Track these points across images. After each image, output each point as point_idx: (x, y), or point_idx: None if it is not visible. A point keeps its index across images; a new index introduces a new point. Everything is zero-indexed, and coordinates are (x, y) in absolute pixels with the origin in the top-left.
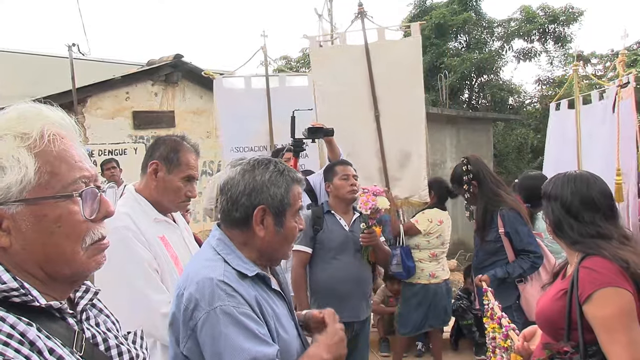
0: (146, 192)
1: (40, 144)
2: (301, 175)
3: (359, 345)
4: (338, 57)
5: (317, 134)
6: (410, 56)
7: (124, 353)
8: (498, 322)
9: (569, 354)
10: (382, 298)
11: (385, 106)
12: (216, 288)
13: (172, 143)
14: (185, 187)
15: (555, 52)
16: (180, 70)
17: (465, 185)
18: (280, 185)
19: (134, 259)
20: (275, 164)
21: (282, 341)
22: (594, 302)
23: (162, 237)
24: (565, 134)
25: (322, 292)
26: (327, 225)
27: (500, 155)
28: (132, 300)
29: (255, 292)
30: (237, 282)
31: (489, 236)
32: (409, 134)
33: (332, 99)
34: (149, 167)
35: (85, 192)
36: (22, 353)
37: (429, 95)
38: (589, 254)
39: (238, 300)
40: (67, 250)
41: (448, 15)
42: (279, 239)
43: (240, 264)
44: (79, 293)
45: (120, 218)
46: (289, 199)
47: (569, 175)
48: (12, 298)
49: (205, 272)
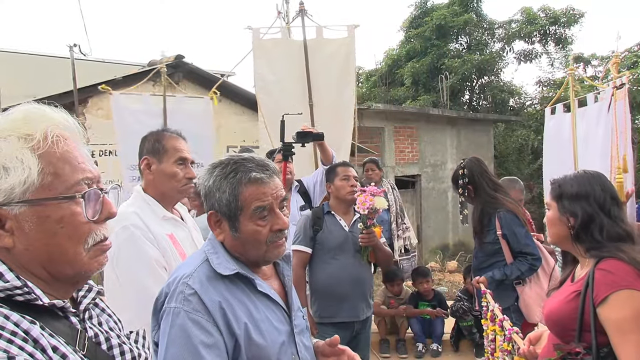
0: (150, 190)
1: (44, 145)
2: (259, 174)
3: (359, 346)
4: (277, 49)
5: (306, 139)
6: (342, 53)
7: (126, 352)
8: (500, 325)
9: (581, 355)
10: (383, 299)
11: (319, 98)
12: (178, 288)
13: (153, 136)
14: (181, 171)
15: (556, 53)
16: (181, 71)
17: (460, 189)
18: (224, 189)
19: (142, 257)
20: (223, 167)
21: (254, 346)
22: (610, 304)
23: (170, 235)
24: (562, 137)
25: (321, 292)
26: (326, 225)
27: (500, 157)
28: (140, 297)
29: (223, 297)
30: (202, 284)
31: (487, 238)
32: (339, 127)
33: (270, 87)
34: (142, 164)
35: (87, 193)
36: (26, 350)
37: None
38: (604, 256)
39: (193, 305)
40: (69, 251)
41: (449, 17)
42: (240, 242)
43: (222, 262)
44: (82, 292)
45: (128, 217)
46: (237, 202)
47: (589, 174)
48: (15, 297)
49: (180, 270)
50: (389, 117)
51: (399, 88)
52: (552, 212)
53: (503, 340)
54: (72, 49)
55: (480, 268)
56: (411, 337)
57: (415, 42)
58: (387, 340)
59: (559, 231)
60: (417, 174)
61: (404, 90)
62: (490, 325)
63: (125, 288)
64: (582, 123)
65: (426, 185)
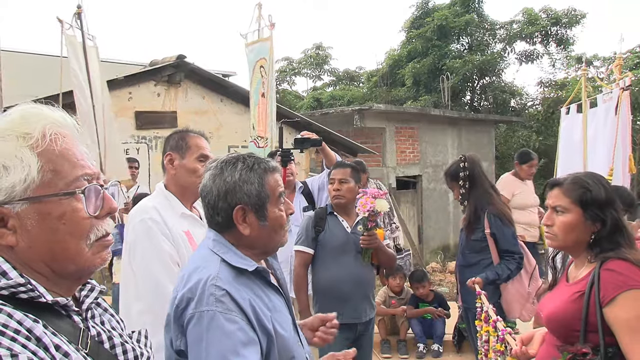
0: (171, 186)
1: (43, 143)
2: (274, 163)
3: (362, 347)
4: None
5: (304, 144)
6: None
7: (128, 351)
8: (493, 326)
9: (590, 355)
10: (384, 299)
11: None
12: (207, 291)
13: (178, 134)
14: (202, 167)
15: (557, 54)
16: (182, 71)
17: (461, 182)
18: (253, 181)
19: (157, 251)
20: (243, 161)
21: (280, 338)
22: (619, 304)
23: (187, 232)
24: (574, 138)
25: (323, 293)
26: (329, 226)
27: (502, 157)
28: (153, 290)
29: (250, 294)
30: (230, 284)
31: (475, 235)
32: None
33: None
34: (165, 159)
35: (88, 189)
36: (29, 348)
37: (430, 97)
38: (609, 257)
39: (226, 305)
40: (71, 247)
41: (450, 17)
42: (267, 231)
43: (239, 260)
44: (85, 292)
45: (148, 210)
46: (266, 191)
47: (600, 177)
48: (19, 294)
49: (199, 274)
50: (390, 118)
51: (400, 88)
52: (573, 216)
53: (496, 341)
54: None
55: (470, 265)
56: (412, 338)
57: (416, 43)
58: (388, 341)
59: (580, 237)
60: (418, 175)
61: (405, 91)
62: (484, 326)
63: (139, 280)
64: (592, 124)
65: (427, 186)
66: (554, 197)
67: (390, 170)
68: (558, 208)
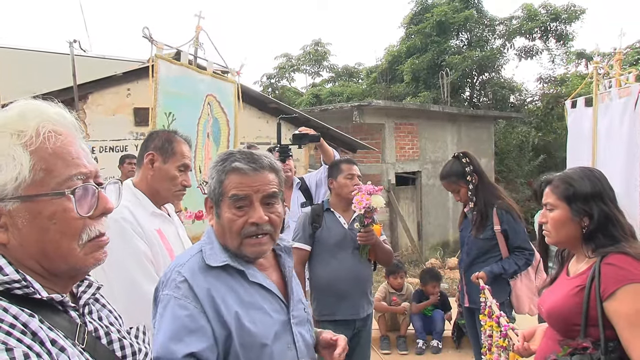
0: (143, 186)
1: (36, 141)
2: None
3: (360, 343)
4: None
5: (302, 140)
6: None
7: (125, 347)
8: (496, 321)
9: (590, 349)
10: (384, 295)
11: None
12: (171, 276)
13: (165, 135)
14: (180, 177)
15: (556, 50)
16: None
17: (469, 177)
18: (213, 177)
19: (132, 251)
20: (219, 157)
21: (245, 332)
22: (619, 297)
23: (158, 230)
24: (583, 132)
25: (321, 290)
26: (325, 222)
27: (501, 153)
28: (129, 291)
29: (213, 285)
30: (192, 273)
31: (485, 234)
32: None
33: None
34: (145, 158)
35: (79, 189)
36: (24, 342)
37: (429, 93)
38: (610, 251)
39: (182, 292)
40: (62, 247)
41: (449, 13)
42: (221, 230)
43: (213, 254)
44: (82, 288)
45: (118, 210)
46: (221, 189)
47: (591, 170)
48: (14, 290)
49: (175, 260)
50: (389, 114)
51: (400, 84)
52: (561, 213)
53: (499, 336)
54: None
55: (475, 263)
56: (411, 334)
57: (415, 39)
58: (387, 337)
59: (570, 232)
60: (417, 171)
61: (405, 87)
62: (488, 321)
63: (113, 281)
64: (604, 119)
65: (426, 182)
66: (545, 195)
67: (389, 166)
68: (548, 205)
